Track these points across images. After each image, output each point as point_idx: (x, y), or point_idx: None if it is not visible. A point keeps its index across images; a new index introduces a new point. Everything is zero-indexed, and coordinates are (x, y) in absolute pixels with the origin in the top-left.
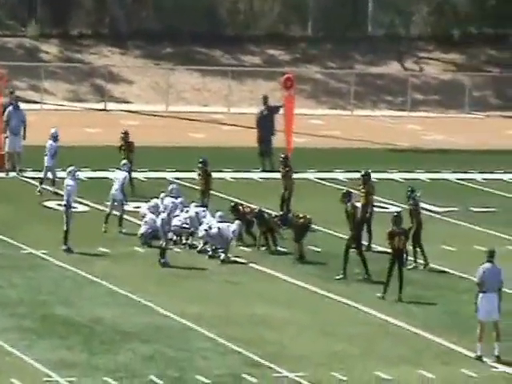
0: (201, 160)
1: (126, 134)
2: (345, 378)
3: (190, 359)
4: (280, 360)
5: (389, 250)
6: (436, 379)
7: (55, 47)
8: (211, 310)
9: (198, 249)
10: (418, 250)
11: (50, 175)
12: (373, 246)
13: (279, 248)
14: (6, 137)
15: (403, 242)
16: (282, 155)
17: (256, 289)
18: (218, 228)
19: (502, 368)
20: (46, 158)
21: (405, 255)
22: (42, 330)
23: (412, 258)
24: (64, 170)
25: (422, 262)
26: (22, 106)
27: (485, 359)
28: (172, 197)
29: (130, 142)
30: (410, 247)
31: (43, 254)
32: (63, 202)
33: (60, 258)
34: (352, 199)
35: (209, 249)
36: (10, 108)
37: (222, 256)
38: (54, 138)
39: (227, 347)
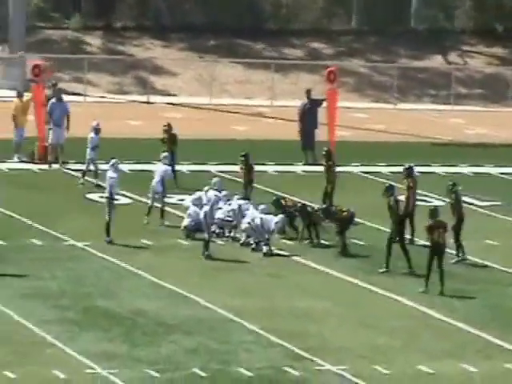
0: (243, 153)
1: (168, 126)
2: (387, 372)
3: (233, 352)
4: (322, 353)
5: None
6: (479, 373)
7: (99, 39)
8: (253, 303)
9: (241, 241)
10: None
11: (92, 167)
12: (416, 239)
13: (322, 241)
14: (50, 128)
15: (443, 236)
16: (325, 149)
17: (298, 282)
18: (261, 219)
19: None
20: (87, 150)
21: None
22: (84, 322)
23: (454, 252)
24: (107, 163)
25: (460, 255)
26: (66, 98)
27: None
28: (215, 190)
29: (172, 134)
30: (451, 241)
31: (85, 245)
32: (105, 194)
33: (102, 250)
34: (395, 193)
35: (252, 242)
36: (53, 100)
37: (265, 249)
38: (96, 130)
39: (269, 340)
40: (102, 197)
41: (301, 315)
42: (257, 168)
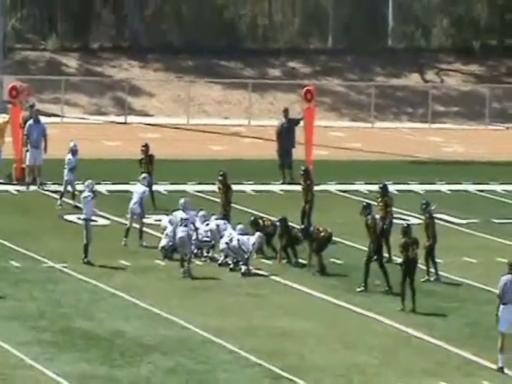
0: (221, 173)
1: (146, 146)
2: None
3: (212, 372)
4: (301, 372)
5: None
6: None
7: (76, 60)
8: (232, 323)
9: (219, 262)
10: (431, 263)
11: (69, 189)
12: (393, 257)
13: (300, 260)
14: (27, 150)
15: (416, 252)
16: (303, 168)
17: (277, 301)
18: (238, 240)
19: None
20: (65, 171)
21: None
22: (62, 343)
23: (432, 271)
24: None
25: (433, 273)
26: (43, 119)
27: (506, 371)
28: (183, 211)
29: (150, 154)
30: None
31: (63, 267)
32: (82, 216)
33: (80, 271)
34: (372, 212)
35: (230, 262)
36: (31, 121)
37: (243, 268)
38: (73, 151)
39: (248, 360)
40: (79, 218)
41: (280, 334)
42: (235, 187)
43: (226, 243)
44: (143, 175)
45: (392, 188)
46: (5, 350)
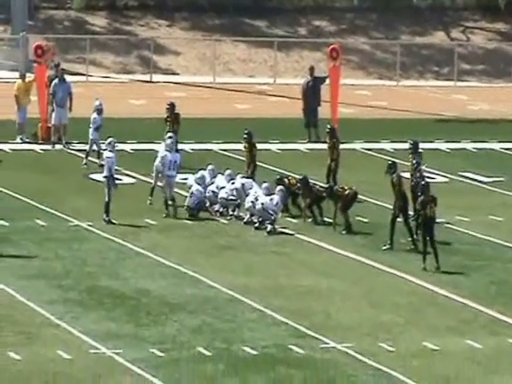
0: (246, 132)
1: (172, 105)
2: (392, 349)
3: (237, 330)
4: (326, 331)
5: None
6: (484, 349)
7: (101, 19)
8: (258, 281)
9: (245, 220)
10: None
11: (95, 148)
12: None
13: (325, 219)
14: (53, 109)
15: (433, 210)
16: (329, 126)
17: (302, 259)
18: (262, 204)
19: None
20: (90, 130)
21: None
22: (88, 302)
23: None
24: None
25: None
26: (68, 78)
27: None
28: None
29: (176, 113)
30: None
31: (89, 225)
32: (104, 174)
33: (106, 230)
34: (397, 170)
35: (255, 220)
36: (56, 80)
37: (269, 227)
38: (98, 110)
39: (274, 318)
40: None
41: (305, 293)
42: (260, 146)
43: (251, 202)
44: (169, 134)
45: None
46: (31, 309)
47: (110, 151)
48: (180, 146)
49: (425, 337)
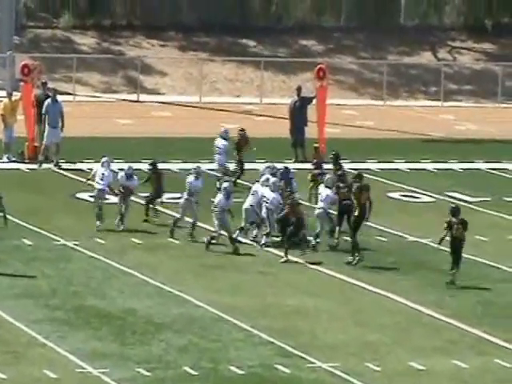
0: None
1: (243, 130)
2: (378, 369)
3: (224, 350)
4: (313, 350)
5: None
6: (470, 369)
7: (88, 38)
8: (244, 301)
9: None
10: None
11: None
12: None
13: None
14: (43, 130)
15: (461, 232)
16: (333, 152)
17: (289, 279)
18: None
19: None
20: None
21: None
22: (74, 322)
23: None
24: (97, 161)
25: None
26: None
27: None
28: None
29: (246, 137)
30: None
31: (75, 244)
32: (100, 187)
33: (92, 249)
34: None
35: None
36: (49, 101)
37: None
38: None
39: (260, 338)
40: (92, 196)
41: (292, 313)
42: (247, 166)
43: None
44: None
45: (404, 166)
46: (17, 328)
47: (105, 169)
48: (166, 166)
49: (411, 357)
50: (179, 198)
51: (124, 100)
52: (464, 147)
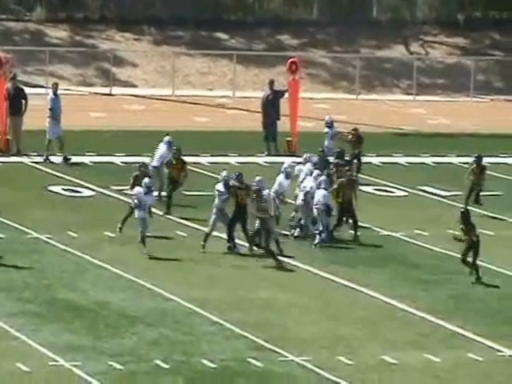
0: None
1: (356, 129)
2: (350, 362)
3: (196, 343)
4: (285, 344)
5: None
6: (442, 363)
7: (61, 31)
8: (217, 294)
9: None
10: None
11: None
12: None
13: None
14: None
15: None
16: (338, 149)
17: (261, 273)
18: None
19: (507, 352)
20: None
21: None
22: (47, 315)
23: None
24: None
25: None
26: (27, 90)
27: (493, 344)
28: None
29: (359, 135)
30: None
31: (48, 238)
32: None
33: (64, 243)
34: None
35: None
36: (51, 95)
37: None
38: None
39: (232, 331)
40: (64, 189)
41: (264, 306)
42: (219, 159)
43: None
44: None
45: (377, 160)
46: None
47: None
48: (139, 159)
49: (383, 350)
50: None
51: (97, 93)
52: (436, 141)
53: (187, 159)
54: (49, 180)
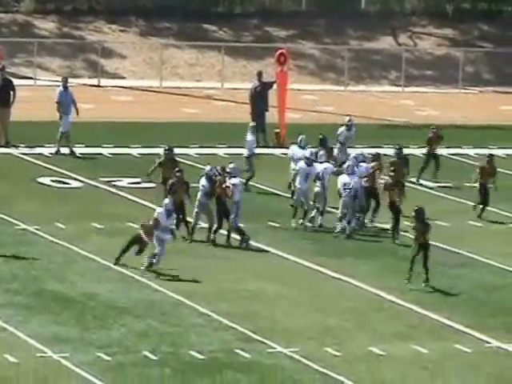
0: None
1: (436, 128)
2: (338, 353)
3: (184, 335)
4: (273, 335)
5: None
6: (429, 354)
7: (49, 23)
8: (204, 286)
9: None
10: None
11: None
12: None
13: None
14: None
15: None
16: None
17: (249, 264)
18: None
19: (495, 343)
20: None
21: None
22: (35, 306)
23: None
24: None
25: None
26: (16, 81)
27: (478, 335)
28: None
29: (439, 135)
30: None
31: (36, 229)
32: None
33: (53, 234)
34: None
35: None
36: (61, 89)
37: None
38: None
39: (220, 323)
40: (53, 181)
41: (252, 297)
42: (207, 151)
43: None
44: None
45: (365, 152)
46: None
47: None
48: (127, 151)
49: (371, 341)
50: (138, 182)
51: (85, 85)
52: (425, 133)
53: (176, 150)
54: (37, 171)
